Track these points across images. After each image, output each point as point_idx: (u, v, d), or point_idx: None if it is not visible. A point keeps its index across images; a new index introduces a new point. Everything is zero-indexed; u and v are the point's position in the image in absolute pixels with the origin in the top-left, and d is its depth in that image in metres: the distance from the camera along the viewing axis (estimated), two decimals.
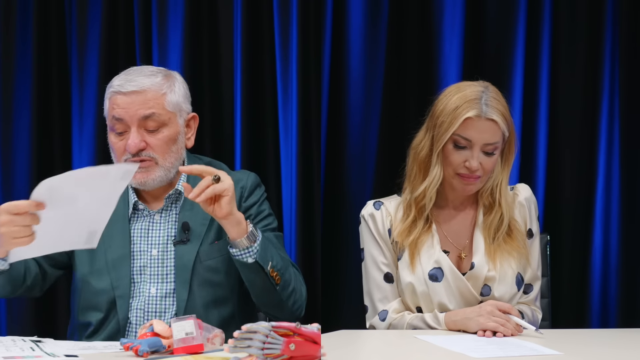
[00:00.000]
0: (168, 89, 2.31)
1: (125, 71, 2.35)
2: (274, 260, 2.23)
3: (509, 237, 2.34)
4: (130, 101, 2.27)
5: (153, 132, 2.28)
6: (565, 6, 2.99)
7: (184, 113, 2.36)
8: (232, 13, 2.99)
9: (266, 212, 2.42)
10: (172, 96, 2.32)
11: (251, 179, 2.43)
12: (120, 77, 2.32)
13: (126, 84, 2.28)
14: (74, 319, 2.38)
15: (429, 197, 2.32)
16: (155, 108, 2.28)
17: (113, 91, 2.30)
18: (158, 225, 2.34)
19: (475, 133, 2.25)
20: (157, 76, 2.32)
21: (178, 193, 2.36)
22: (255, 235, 2.19)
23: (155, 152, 2.29)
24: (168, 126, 2.30)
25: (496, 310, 2.16)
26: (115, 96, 2.28)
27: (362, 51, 2.98)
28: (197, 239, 2.31)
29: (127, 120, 2.27)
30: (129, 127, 2.27)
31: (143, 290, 2.29)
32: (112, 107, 2.29)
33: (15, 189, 3.00)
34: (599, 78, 2.99)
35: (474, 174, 2.27)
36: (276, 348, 1.61)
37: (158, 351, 1.89)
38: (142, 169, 2.27)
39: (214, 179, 2.09)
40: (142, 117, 2.27)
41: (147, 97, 2.28)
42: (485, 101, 2.26)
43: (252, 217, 2.37)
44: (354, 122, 2.99)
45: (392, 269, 2.36)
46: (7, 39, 2.99)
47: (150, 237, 2.33)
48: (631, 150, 2.99)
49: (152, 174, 2.29)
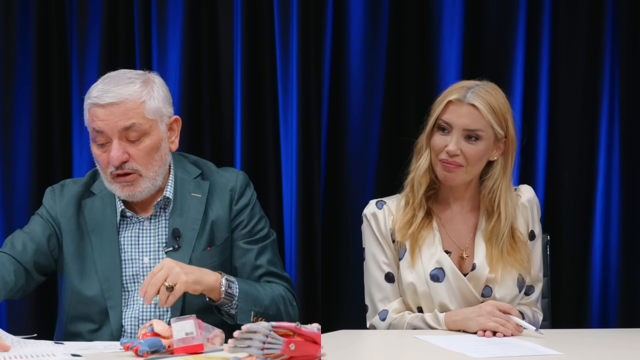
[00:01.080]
0: (147, 95, 2.26)
1: (102, 79, 2.29)
2: (256, 307, 2.23)
3: (512, 249, 2.33)
4: (109, 113, 2.22)
5: (134, 142, 2.24)
6: (565, 6, 2.99)
7: (165, 117, 2.31)
8: (232, 13, 2.98)
9: (257, 216, 2.41)
10: (152, 102, 2.26)
11: (240, 179, 2.41)
12: (97, 88, 2.26)
13: (103, 95, 2.22)
14: (60, 326, 2.36)
15: (418, 181, 2.34)
16: (135, 118, 2.23)
17: (91, 103, 2.24)
18: (148, 232, 2.32)
19: (455, 117, 2.27)
20: (135, 83, 2.26)
21: (166, 199, 2.33)
22: (232, 295, 2.19)
23: (138, 163, 2.25)
24: (150, 135, 2.26)
25: (496, 310, 2.16)
26: (95, 108, 2.23)
27: (362, 51, 2.98)
28: (188, 246, 2.29)
29: (107, 133, 2.22)
30: (110, 139, 2.23)
31: (137, 298, 2.27)
32: (91, 119, 2.25)
33: (16, 189, 3.00)
34: (599, 78, 2.99)
35: (453, 160, 2.28)
36: (276, 348, 1.61)
37: (158, 351, 1.89)
38: (127, 183, 2.25)
39: (168, 289, 2.08)
40: (123, 129, 2.22)
41: (127, 107, 2.23)
42: (473, 90, 2.27)
43: (244, 223, 2.37)
44: (354, 122, 2.99)
45: (393, 268, 2.36)
46: (7, 39, 2.98)
47: (140, 244, 2.31)
48: (631, 150, 2.99)
49: (139, 187, 2.26)
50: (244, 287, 2.23)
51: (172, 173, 2.36)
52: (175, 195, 2.34)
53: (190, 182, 2.37)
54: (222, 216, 2.35)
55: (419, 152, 2.36)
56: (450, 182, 2.32)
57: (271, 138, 2.99)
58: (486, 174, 2.35)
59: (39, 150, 2.99)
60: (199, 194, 2.35)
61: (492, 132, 2.29)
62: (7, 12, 2.98)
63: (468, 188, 2.38)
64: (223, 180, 2.40)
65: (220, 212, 2.35)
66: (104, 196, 2.34)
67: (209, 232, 2.32)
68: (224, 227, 2.35)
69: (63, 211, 2.34)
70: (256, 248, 2.37)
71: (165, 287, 2.07)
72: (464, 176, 2.31)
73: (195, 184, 2.37)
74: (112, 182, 2.27)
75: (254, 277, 2.35)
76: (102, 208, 2.33)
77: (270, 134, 2.99)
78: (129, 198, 2.28)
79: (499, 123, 2.28)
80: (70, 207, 2.34)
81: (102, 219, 2.32)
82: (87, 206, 2.34)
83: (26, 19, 2.99)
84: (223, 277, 2.19)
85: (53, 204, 2.36)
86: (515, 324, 2.14)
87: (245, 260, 2.36)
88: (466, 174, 2.31)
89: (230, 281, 2.20)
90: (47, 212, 2.36)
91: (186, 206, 2.33)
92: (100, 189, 2.36)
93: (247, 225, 2.37)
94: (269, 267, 2.37)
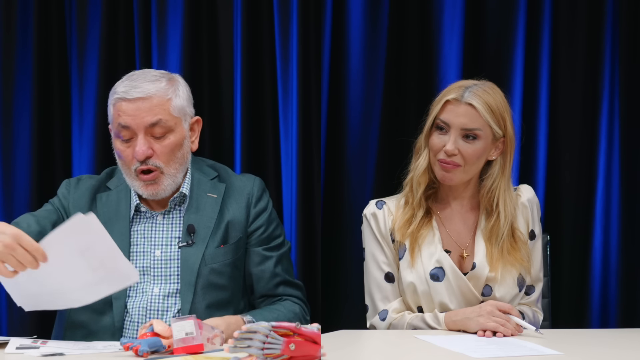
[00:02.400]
0: (173, 93, 2.30)
1: (127, 76, 2.32)
2: None
3: (512, 248, 2.33)
4: (136, 108, 2.25)
5: (159, 138, 2.27)
6: (565, 6, 2.99)
7: (188, 117, 2.36)
8: (232, 13, 2.98)
9: (275, 222, 2.44)
10: (177, 101, 2.31)
11: (257, 184, 2.44)
12: (124, 83, 2.29)
13: (131, 90, 2.26)
14: (62, 315, 2.37)
15: (417, 181, 2.34)
16: (162, 114, 2.27)
17: (118, 97, 2.27)
18: (161, 227, 2.34)
19: (452, 116, 2.27)
20: (161, 81, 2.30)
21: (182, 196, 2.36)
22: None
23: (161, 160, 2.28)
24: (174, 132, 2.30)
25: (496, 310, 2.17)
26: (121, 103, 2.26)
27: (362, 51, 2.98)
28: (202, 242, 2.31)
29: (133, 128, 2.25)
30: (136, 134, 2.26)
31: (146, 289, 2.29)
32: (117, 114, 2.27)
33: (16, 189, 2.99)
34: (599, 78, 2.99)
35: (451, 159, 2.28)
36: (276, 348, 1.61)
37: (158, 351, 1.89)
38: (151, 182, 2.28)
39: None
40: (149, 124, 2.25)
41: (153, 103, 2.26)
42: (471, 89, 2.28)
43: (262, 229, 2.39)
44: (354, 122, 2.99)
45: (393, 268, 2.36)
46: (7, 40, 2.98)
47: (152, 238, 2.33)
48: (631, 150, 2.99)
49: (162, 185, 2.30)
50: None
51: (189, 173, 2.39)
52: (192, 193, 2.36)
53: (207, 183, 2.40)
54: (238, 217, 2.37)
55: (418, 151, 2.37)
56: (448, 182, 2.32)
57: (271, 138, 2.99)
58: (485, 173, 2.36)
59: (39, 150, 2.99)
60: (215, 195, 2.38)
61: (490, 131, 2.29)
62: (7, 12, 2.98)
63: (467, 187, 2.38)
64: (240, 183, 2.43)
65: (237, 213, 2.37)
66: (119, 191, 2.38)
67: (224, 231, 2.34)
68: (239, 228, 2.37)
69: (76, 201, 2.37)
70: (275, 256, 2.40)
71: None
72: (462, 176, 2.31)
73: (211, 185, 2.40)
74: (135, 179, 2.29)
75: (271, 285, 2.39)
76: (116, 202, 2.36)
77: (270, 134, 2.99)
78: (152, 197, 2.31)
79: (497, 122, 2.29)
80: (84, 198, 2.38)
81: (115, 212, 2.35)
82: (102, 200, 2.37)
83: (26, 19, 2.99)
84: (244, 318, 2.20)
85: (67, 194, 2.40)
86: (515, 324, 2.14)
87: (264, 267, 2.39)
88: (464, 174, 2.31)
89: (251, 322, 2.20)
90: (59, 201, 2.40)
91: (202, 204, 2.35)
92: (116, 184, 2.40)
93: (266, 230, 2.40)
94: (285, 276, 2.41)
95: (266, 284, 2.39)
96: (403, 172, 2.42)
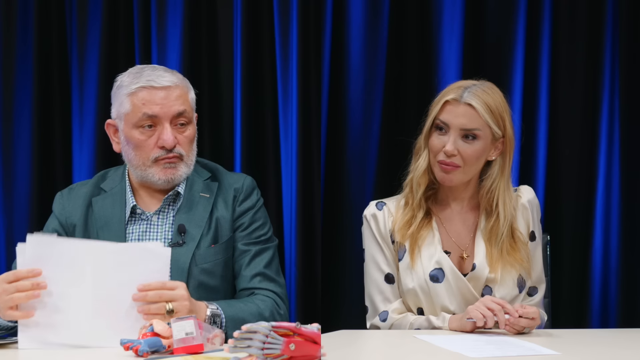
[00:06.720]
0: (188, 87, 2.34)
1: (139, 69, 2.31)
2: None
3: (512, 248, 2.33)
4: (164, 96, 2.25)
5: (181, 128, 2.29)
6: (565, 6, 2.99)
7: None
8: (232, 13, 2.98)
9: (260, 221, 2.41)
10: (192, 94, 2.35)
11: (247, 182, 2.43)
12: (145, 73, 2.27)
13: (158, 79, 2.25)
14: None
15: (417, 182, 2.34)
16: (186, 105, 2.29)
17: (141, 86, 2.25)
18: (155, 228, 2.34)
19: (451, 117, 2.27)
20: (175, 74, 2.32)
21: (176, 194, 2.36)
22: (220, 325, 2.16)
23: (184, 149, 2.29)
24: (192, 124, 2.33)
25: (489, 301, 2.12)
26: (146, 91, 2.24)
27: (362, 51, 2.98)
28: (193, 242, 2.31)
29: (160, 116, 2.25)
30: (161, 123, 2.26)
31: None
32: (141, 103, 2.25)
33: (16, 189, 3.00)
34: (599, 78, 2.99)
35: (451, 160, 2.28)
36: (276, 348, 1.61)
37: (158, 351, 1.89)
38: (171, 165, 2.28)
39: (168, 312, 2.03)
40: (177, 113, 2.26)
41: (179, 93, 2.28)
42: (470, 90, 2.28)
43: (245, 225, 2.38)
44: (354, 122, 2.99)
45: (393, 269, 2.36)
46: (7, 39, 2.99)
47: (147, 239, 2.33)
48: (631, 150, 2.99)
49: (179, 170, 2.30)
50: (229, 314, 2.19)
51: None
52: (185, 193, 2.36)
53: (200, 184, 2.39)
54: (225, 215, 2.36)
55: (418, 152, 2.37)
56: (448, 183, 2.33)
57: (271, 138, 2.99)
58: (485, 173, 2.36)
59: (39, 150, 3.00)
60: (208, 194, 2.37)
61: (490, 131, 2.29)
62: (7, 12, 2.98)
63: (467, 188, 2.38)
64: (230, 181, 2.42)
65: (224, 211, 2.37)
66: (114, 194, 2.37)
67: (214, 230, 2.34)
68: (227, 226, 2.36)
69: (73, 211, 2.37)
70: (253, 250, 2.37)
71: (167, 310, 2.04)
72: (462, 176, 2.32)
73: (204, 185, 2.39)
74: (151, 166, 2.28)
75: (247, 277, 2.35)
76: (111, 205, 2.36)
77: (270, 134, 2.99)
78: (168, 181, 2.30)
79: (496, 122, 2.29)
80: (80, 207, 2.37)
81: (111, 215, 2.34)
82: (98, 204, 2.37)
83: (26, 19, 2.99)
84: (208, 309, 2.16)
85: (62, 209, 2.39)
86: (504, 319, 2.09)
87: (242, 261, 2.36)
88: (464, 174, 2.31)
89: (216, 315, 2.16)
90: (56, 219, 2.39)
91: (194, 204, 2.35)
92: (110, 186, 2.39)
93: (247, 228, 2.38)
94: (264, 270, 2.36)
95: (242, 277, 2.35)
96: (403, 172, 2.42)
